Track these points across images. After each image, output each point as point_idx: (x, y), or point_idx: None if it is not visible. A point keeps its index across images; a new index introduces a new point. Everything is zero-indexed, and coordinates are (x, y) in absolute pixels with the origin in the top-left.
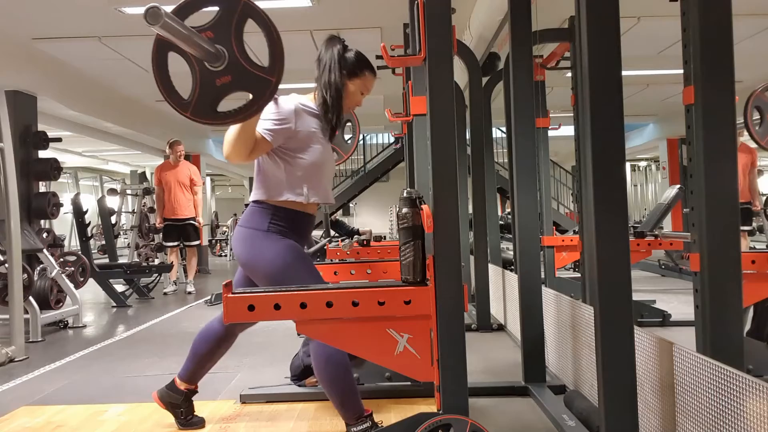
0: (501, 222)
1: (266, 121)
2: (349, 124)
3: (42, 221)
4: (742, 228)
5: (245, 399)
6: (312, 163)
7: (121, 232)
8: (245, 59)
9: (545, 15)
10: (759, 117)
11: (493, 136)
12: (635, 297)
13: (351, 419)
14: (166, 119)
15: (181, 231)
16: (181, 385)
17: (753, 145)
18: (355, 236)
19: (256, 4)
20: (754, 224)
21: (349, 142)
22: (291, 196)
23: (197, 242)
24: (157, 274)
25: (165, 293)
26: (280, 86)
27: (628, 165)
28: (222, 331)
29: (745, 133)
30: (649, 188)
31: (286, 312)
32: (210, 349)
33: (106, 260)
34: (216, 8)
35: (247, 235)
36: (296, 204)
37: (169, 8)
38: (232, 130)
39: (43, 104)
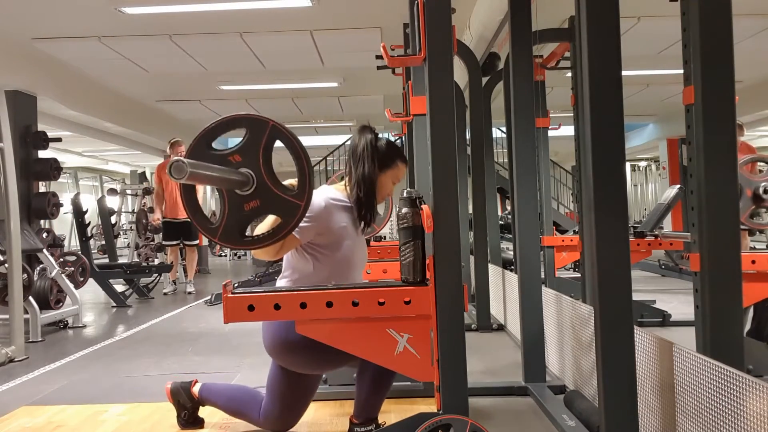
0: (501, 222)
1: None
2: None
3: (42, 221)
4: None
5: None
6: (342, 259)
7: (121, 232)
8: (273, 183)
9: (545, 15)
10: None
11: (493, 136)
12: (635, 297)
13: (370, 417)
14: (166, 119)
15: (180, 230)
16: (196, 395)
17: (754, 145)
18: None
19: (285, 126)
20: None
21: (381, 214)
22: None
23: (196, 242)
24: (157, 274)
25: (165, 293)
26: (280, 86)
27: (628, 165)
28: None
29: (746, 132)
30: (649, 188)
31: (286, 312)
32: (239, 408)
33: (106, 260)
34: (244, 130)
35: (275, 330)
36: None
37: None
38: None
39: (43, 104)
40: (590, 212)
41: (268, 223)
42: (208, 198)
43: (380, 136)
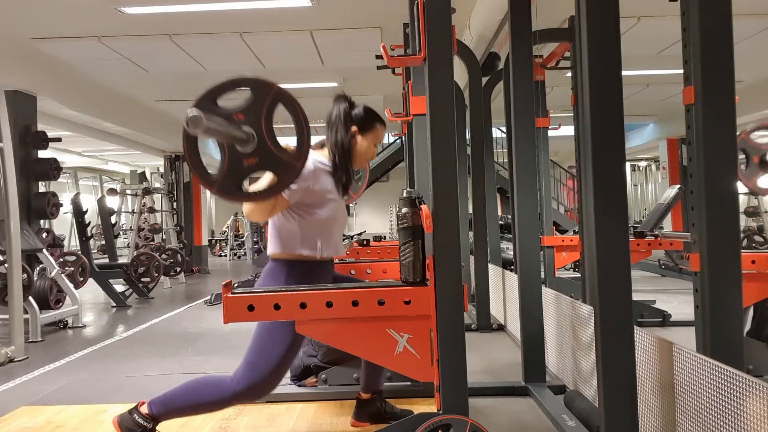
0: (501, 222)
1: None
2: None
3: (42, 221)
4: None
5: None
6: (326, 219)
7: (121, 232)
8: (273, 143)
9: (545, 15)
10: (744, 158)
11: (493, 136)
12: (635, 297)
13: (152, 412)
14: (166, 119)
15: None
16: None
17: None
18: (355, 236)
19: (288, 91)
20: (754, 224)
21: (359, 183)
22: (305, 250)
23: None
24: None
25: None
26: (282, 86)
27: (628, 165)
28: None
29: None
30: (649, 188)
31: (286, 312)
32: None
33: (106, 260)
34: (248, 90)
35: (265, 283)
36: (310, 257)
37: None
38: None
39: (43, 104)
40: (590, 212)
41: (263, 183)
42: (208, 198)
43: (356, 104)
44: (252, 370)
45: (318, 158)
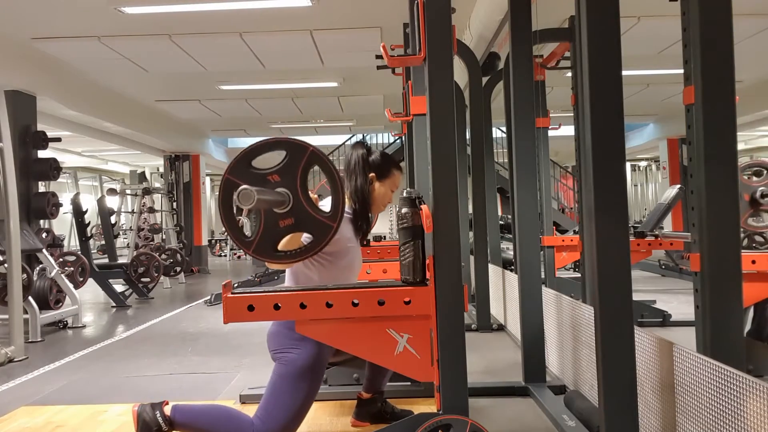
0: (501, 222)
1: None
2: None
3: (41, 221)
4: None
5: (245, 399)
6: (344, 266)
7: (121, 232)
8: (308, 203)
9: (545, 15)
10: None
11: (493, 136)
12: (635, 297)
13: (173, 416)
14: (166, 119)
15: None
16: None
17: (754, 145)
18: None
19: (322, 152)
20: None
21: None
22: None
23: None
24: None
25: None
26: (280, 86)
27: (628, 165)
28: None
29: (746, 132)
30: (649, 188)
31: (286, 312)
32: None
33: (106, 260)
34: (284, 152)
35: (280, 332)
36: None
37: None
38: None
39: (43, 104)
40: (590, 212)
41: (287, 239)
42: (207, 197)
43: (372, 149)
44: (268, 418)
45: None
